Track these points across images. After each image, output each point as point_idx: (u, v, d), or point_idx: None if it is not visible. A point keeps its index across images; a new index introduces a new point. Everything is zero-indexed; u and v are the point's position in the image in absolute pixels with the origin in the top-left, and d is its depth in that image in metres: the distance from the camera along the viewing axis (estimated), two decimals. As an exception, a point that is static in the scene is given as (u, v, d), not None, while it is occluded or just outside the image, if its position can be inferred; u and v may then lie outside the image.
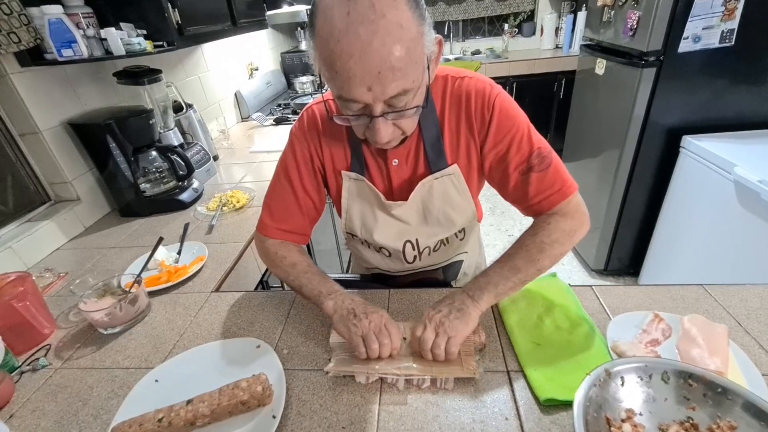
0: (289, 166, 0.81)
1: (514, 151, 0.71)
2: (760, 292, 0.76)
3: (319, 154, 0.80)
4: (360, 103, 0.57)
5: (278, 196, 0.82)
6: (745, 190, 1.39)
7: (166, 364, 0.72)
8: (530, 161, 0.71)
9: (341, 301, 0.69)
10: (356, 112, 0.59)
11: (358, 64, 0.51)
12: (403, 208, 0.78)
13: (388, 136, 0.62)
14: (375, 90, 0.54)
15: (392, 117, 0.60)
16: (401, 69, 0.53)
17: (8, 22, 1.01)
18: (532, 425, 0.56)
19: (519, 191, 0.74)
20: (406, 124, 0.64)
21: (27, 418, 0.66)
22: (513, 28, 3.69)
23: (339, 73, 0.53)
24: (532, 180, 0.71)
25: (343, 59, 0.52)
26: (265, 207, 0.83)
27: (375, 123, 0.59)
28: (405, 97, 0.57)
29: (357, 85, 0.54)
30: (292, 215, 0.82)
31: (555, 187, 0.72)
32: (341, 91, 0.56)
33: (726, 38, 1.58)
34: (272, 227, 0.82)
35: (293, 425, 0.59)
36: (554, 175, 0.71)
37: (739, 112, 1.73)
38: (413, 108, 0.60)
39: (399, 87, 0.55)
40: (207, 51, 2.08)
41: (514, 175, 0.72)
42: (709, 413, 0.50)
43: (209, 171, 1.62)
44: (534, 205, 0.74)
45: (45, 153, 1.22)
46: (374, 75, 0.52)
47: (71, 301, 0.93)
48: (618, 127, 1.89)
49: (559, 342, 0.68)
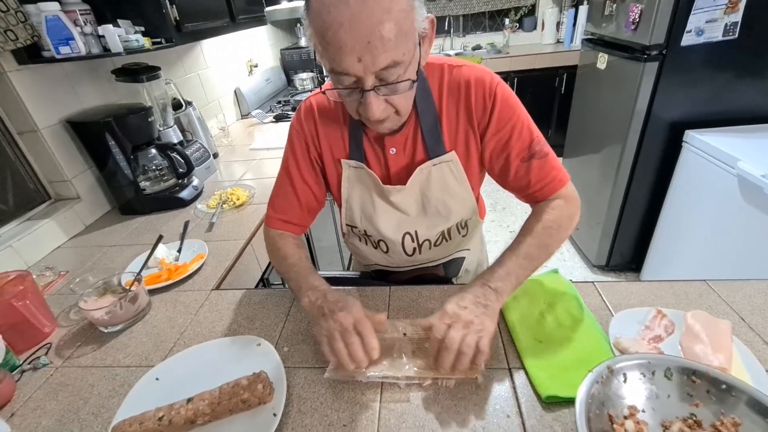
0: (288, 159, 0.83)
1: (515, 138, 0.72)
2: (764, 288, 0.76)
3: (316, 145, 0.80)
4: (351, 76, 0.57)
5: (279, 188, 0.85)
6: (748, 184, 1.38)
7: (166, 362, 0.72)
8: (531, 148, 0.72)
9: (314, 298, 0.67)
10: (348, 86, 0.60)
11: (348, 33, 0.52)
12: (402, 194, 0.79)
13: (380, 113, 0.62)
14: (365, 60, 0.54)
15: (384, 92, 0.60)
16: (391, 40, 0.53)
17: (5, 20, 1.00)
18: (534, 422, 0.56)
19: (521, 179, 0.74)
20: (399, 101, 0.64)
21: (28, 416, 0.66)
22: (514, 23, 3.66)
23: (330, 43, 0.54)
24: (534, 167, 0.73)
25: (334, 28, 0.52)
26: (269, 199, 0.87)
27: (366, 97, 0.59)
28: (396, 70, 0.57)
29: (347, 54, 0.54)
30: (290, 206, 0.84)
31: (554, 174, 0.73)
32: (333, 63, 0.56)
33: (729, 31, 1.56)
34: (273, 218, 0.85)
35: (294, 423, 0.59)
36: (553, 162, 0.74)
37: (743, 106, 1.72)
38: (405, 81, 0.60)
39: (389, 58, 0.55)
40: (206, 48, 2.06)
41: (515, 162, 0.73)
42: (712, 410, 0.50)
43: (209, 168, 1.61)
44: (536, 192, 0.75)
45: (44, 151, 1.21)
46: (364, 44, 0.53)
47: (72, 299, 0.93)
48: (620, 122, 1.87)
49: (560, 339, 0.67)
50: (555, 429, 0.55)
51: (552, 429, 0.55)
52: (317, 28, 0.55)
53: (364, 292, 0.84)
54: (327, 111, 0.78)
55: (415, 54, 0.59)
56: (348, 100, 0.64)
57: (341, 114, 0.77)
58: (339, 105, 0.75)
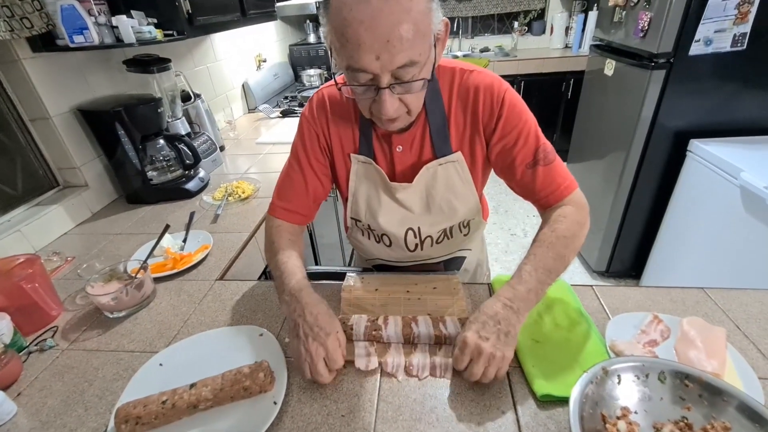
0: (297, 147, 0.83)
1: (521, 144, 0.73)
2: (761, 297, 0.77)
3: (326, 135, 0.81)
4: (368, 73, 0.58)
5: (287, 176, 0.85)
6: (750, 195, 1.39)
7: (170, 348, 0.74)
8: (536, 155, 0.73)
9: (293, 308, 0.66)
10: (364, 84, 0.60)
11: (368, 31, 0.53)
12: (408, 192, 0.80)
13: (394, 111, 0.63)
14: (383, 58, 0.55)
15: (398, 91, 0.61)
16: (409, 39, 0.55)
17: (21, 7, 1.02)
18: (528, 420, 0.57)
19: (527, 185, 0.75)
20: (411, 100, 0.65)
21: (34, 396, 0.68)
22: (523, 26, 3.66)
23: (349, 40, 0.55)
24: (539, 173, 0.73)
25: (354, 26, 0.53)
26: (276, 188, 0.86)
27: (381, 95, 0.60)
28: (412, 69, 0.58)
29: (366, 52, 0.55)
30: (297, 194, 0.83)
31: (560, 181, 0.74)
32: (350, 60, 0.57)
33: (738, 42, 1.57)
34: (277, 206, 0.84)
35: (293, 411, 0.60)
36: (559, 169, 0.74)
37: (748, 117, 1.72)
38: (419, 80, 0.61)
39: (406, 57, 0.56)
40: (216, 41, 2.08)
41: (520, 168, 0.74)
42: (703, 413, 0.51)
43: (215, 161, 1.63)
44: (542, 199, 0.76)
45: (55, 138, 1.23)
46: (383, 43, 0.54)
47: (78, 284, 0.95)
48: (625, 129, 1.88)
49: (557, 339, 0.68)
50: (549, 427, 0.56)
51: (546, 427, 0.56)
52: (336, 25, 0.56)
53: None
54: (339, 104, 0.79)
55: (430, 55, 0.61)
56: (362, 98, 0.65)
57: (353, 108, 0.78)
58: (351, 99, 0.76)
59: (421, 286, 0.82)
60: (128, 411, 0.57)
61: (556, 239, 0.69)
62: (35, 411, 0.65)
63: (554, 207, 0.75)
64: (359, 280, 0.85)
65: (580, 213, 0.73)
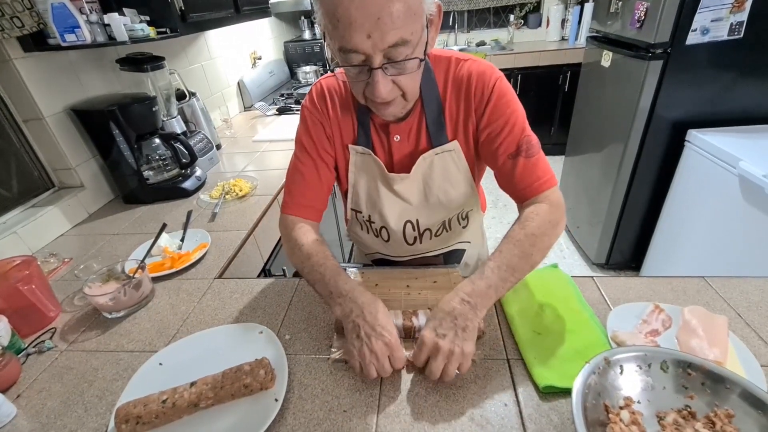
0: (303, 139, 0.81)
1: (506, 133, 0.72)
2: (761, 285, 0.76)
3: (328, 125, 0.81)
4: (360, 54, 0.58)
5: (296, 171, 0.82)
6: (749, 184, 1.39)
7: (169, 348, 0.73)
8: (519, 146, 0.72)
9: (349, 309, 0.64)
10: (357, 65, 0.60)
11: (359, 10, 0.53)
12: (405, 183, 0.80)
13: (387, 92, 0.63)
14: (374, 37, 0.55)
15: (391, 72, 0.61)
16: (400, 17, 0.55)
17: (11, 6, 1.01)
18: (531, 411, 0.57)
19: (506, 174, 0.75)
20: (405, 83, 0.64)
21: (34, 398, 0.67)
22: (519, 20, 3.65)
23: (340, 20, 0.55)
24: (519, 164, 0.72)
25: (345, 5, 0.54)
26: (285, 187, 0.84)
27: (374, 76, 0.60)
28: (404, 49, 0.58)
29: (357, 30, 0.55)
30: (310, 187, 0.81)
31: (539, 175, 0.73)
32: (342, 41, 0.57)
33: (735, 31, 1.56)
34: (291, 204, 0.82)
35: (295, 408, 0.60)
36: (541, 164, 0.73)
37: (746, 106, 1.72)
38: (413, 59, 0.60)
39: (397, 35, 0.56)
40: (210, 39, 2.06)
41: (502, 157, 0.74)
42: (706, 402, 0.51)
43: (212, 159, 1.62)
44: (519, 191, 0.75)
45: (49, 139, 1.22)
46: (374, 20, 0.54)
47: (76, 285, 0.94)
48: (623, 120, 1.87)
49: (559, 331, 0.68)
50: (552, 418, 0.56)
51: (549, 418, 0.56)
52: (328, 7, 0.56)
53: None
54: (338, 95, 0.79)
55: (422, 36, 0.60)
56: (355, 81, 0.64)
57: (351, 99, 0.78)
58: (348, 90, 0.75)
59: (422, 281, 0.82)
60: (128, 411, 0.57)
61: (524, 237, 0.67)
62: (35, 413, 0.65)
63: (530, 202, 0.73)
64: (359, 275, 0.85)
65: (555, 212, 0.71)
